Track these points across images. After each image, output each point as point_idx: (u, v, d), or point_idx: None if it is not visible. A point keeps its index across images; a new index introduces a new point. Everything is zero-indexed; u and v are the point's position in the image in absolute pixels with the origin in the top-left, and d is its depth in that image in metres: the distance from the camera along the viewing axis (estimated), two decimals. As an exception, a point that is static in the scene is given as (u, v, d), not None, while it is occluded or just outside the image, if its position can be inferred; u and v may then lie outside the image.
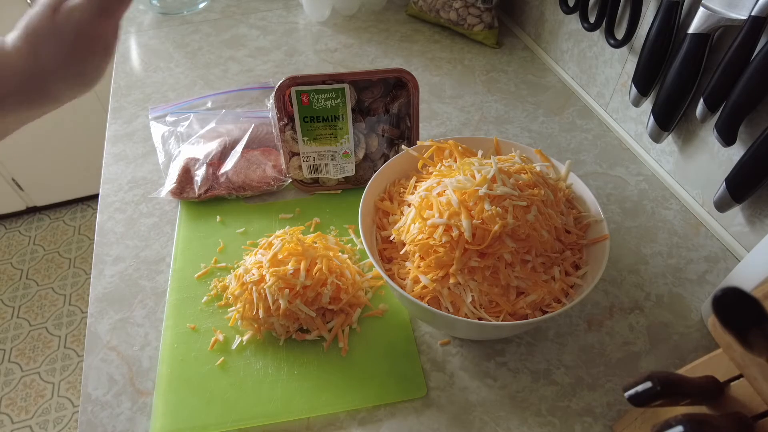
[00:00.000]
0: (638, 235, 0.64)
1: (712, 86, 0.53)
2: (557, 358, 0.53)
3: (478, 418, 0.49)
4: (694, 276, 0.60)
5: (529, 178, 0.49)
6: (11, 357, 1.55)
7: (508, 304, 0.47)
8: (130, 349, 0.54)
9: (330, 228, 0.64)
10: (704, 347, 0.53)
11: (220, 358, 0.52)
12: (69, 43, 0.39)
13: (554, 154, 0.74)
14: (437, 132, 0.79)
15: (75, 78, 0.41)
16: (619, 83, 0.74)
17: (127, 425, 0.49)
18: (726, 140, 0.54)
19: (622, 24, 0.70)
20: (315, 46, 0.97)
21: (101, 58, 0.41)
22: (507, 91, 0.86)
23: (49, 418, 1.42)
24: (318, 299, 0.52)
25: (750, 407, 0.33)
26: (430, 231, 0.47)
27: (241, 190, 0.67)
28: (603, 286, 0.59)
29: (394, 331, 0.54)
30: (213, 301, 0.57)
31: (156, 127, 0.75)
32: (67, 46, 0.39)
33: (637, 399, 0.33)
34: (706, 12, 0.53)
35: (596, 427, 0.48)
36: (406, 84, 0.63)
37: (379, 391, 0.50)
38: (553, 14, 0.87)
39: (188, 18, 1.05)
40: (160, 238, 0.64)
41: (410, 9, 1.03)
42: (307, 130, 0.63)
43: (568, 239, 0.51)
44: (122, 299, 0.58)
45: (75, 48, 0.40)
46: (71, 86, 0.41)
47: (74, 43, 0.39)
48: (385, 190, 0.57)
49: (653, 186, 0.69)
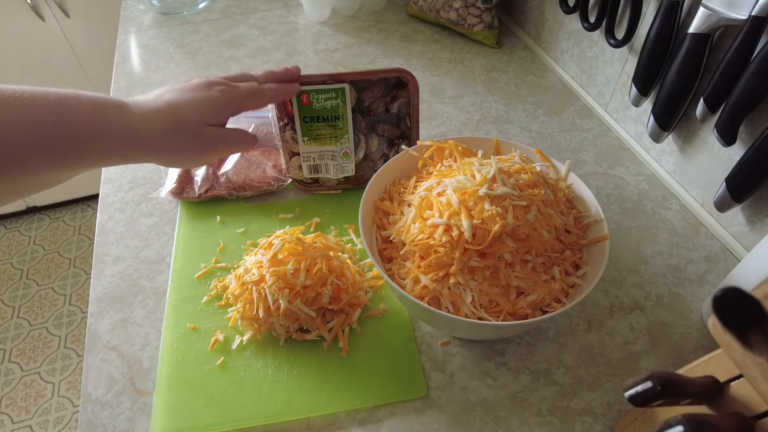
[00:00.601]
0: (638, 235, 0.64)
1: (712, 86, 0.53)
2: (557, 358, 0.53)
3: (478, 418, 0.49)
4: (694, 276, 0.59)
5: (529, 178, 0.49)
6: (11, 357, 1.55)
7: (508, 304, 0.47)
8: (130, 349, 0.54)
9: (330, 228, 0.64)
10: (704, 347, 0.53)
11: (220, 358, 0.52)
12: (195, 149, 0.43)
13: (554, 154, 0.74)
14: (437, 132, 0.79)
15: (168, 161, 0.44)
16: (619, 83, 0.74)
17: (127, 425, 0.49)
18: (726, 140, 0.54)
19: (622, 24, 0.70)
20: (315, 46, 0.97)
21: (198, 164, 0.46)
22: (507, 91, 0.86)
23: (49, 418, 1.42)
24: (318, 299, 0.52)
25: (750, 407, 0.33)
26: (430, 231, 0.47)
27: (241, 190, 0.67)
28: (603, 286, 0.59)
29: (394, 331, 0.54)
30: (213, 301, 0.57)
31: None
32: (192, 148, 0.43)
33: (637, 399, 0.33)
34: (706, 12, 0.53)
35: (596, 427, 0.48)
36: (406, 84, 0.63)
37: (379, 391, 0.50)
38: (553, 14, 0.87)
39: (188, 18, 1.05)
40: (160, 238, 0.64)
41: (410, 9, 1.03)
42: (307, 130, 0.63)
43: (568, 239, 0.51)
44: (122, 299, 0.58)
45: (195, 153, 0.44)
46: (159, 162, 0.44)
47: (199, 151, 0.44)
48: (385, 190, 0.57)
49: (653, 186, 0.69)
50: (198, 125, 0.42)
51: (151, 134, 0.41)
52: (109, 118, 0.39)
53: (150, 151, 0.41)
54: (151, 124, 0.41)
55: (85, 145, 0.38)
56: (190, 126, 0.42)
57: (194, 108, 0.42)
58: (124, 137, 0.40)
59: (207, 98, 0.43)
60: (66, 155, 0.37)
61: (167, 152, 0.42)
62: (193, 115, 0.42)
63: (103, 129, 0.38)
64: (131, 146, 0.40)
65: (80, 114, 0.37)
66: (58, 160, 0.37)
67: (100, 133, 0.38)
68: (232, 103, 0.45)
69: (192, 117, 0.42)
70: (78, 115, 0.37)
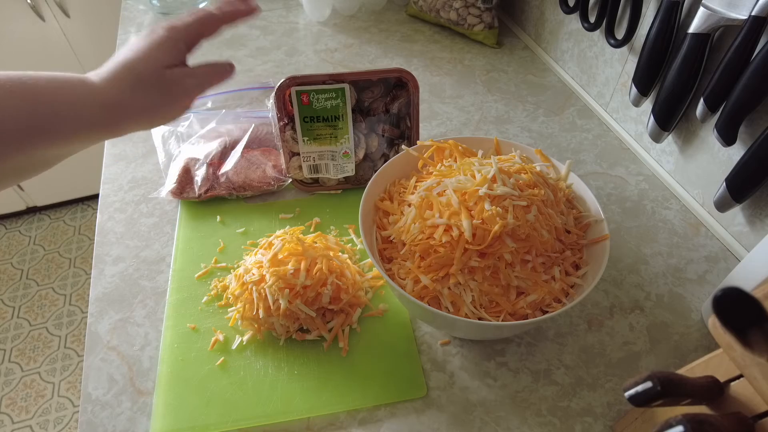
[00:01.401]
0: (638, 235, 0.64)
1: (712, 86, 0.53)
2: (557, 358, 0.53)
3: (478, 418, 0.49)
4: (694, 276, 0.60)
5: (529, 178, 0.49)
6: (11, 357, 1.55)
7: (509, 304, 0.47)
8: (131, 349, 0.54)
9: (330, 228, 0.64)
10: (704, 347, 0.53)
11: (220, 358, 0.52)
12: (165, 98, 0.43)
13: (554, 154, 0.74)
14: (437, 132, 0.79)
15: (147, 122, 0.43)
16: (619, 83, 0.74)
17: (127, 425, 0.49)
18: (726, 140, 0.54)
19: (622, 24, 0.70)
20: (315, 46, 0.97)
21: (178, 113, 0.45)
22: (507, 91, 0.86)
23: (49, 418, 1.42)
24: (318, 299, 0.52)
25: (750, 407, 0.33)
26: (430, 231, 0.47)
27: (242, 190, 0.67)
28: (603, 286, 0.59)
29: (394, 331, 0.54)
30: (213, 301, 0.57)
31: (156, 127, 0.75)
32: (161, 99, 0.42)
33: (638, 399, 0.33)
34: (706, 12, 0.53)
35: (596, 427, 0.48)
36: (406, 84, 0.63)
37: (379, 391, 0.50)
38: (553, 14, 0.87)
39: (188, 18, 1.05)
40: (161, 238, 0.64)
41: (410, 9, 1.03)
42: (307, 130, 0.63)
43: (568, 239, 0.51)
44: (122, 299, 0.58)
45: (166, 103, 0.43)
46: (139, 126, 0.43)
47: (170, 100, 0.43)
48: (385, 190, 0.57)
49: (653, 186, 0.69)
50: (155, 73, 0.41)
51: (114, 98, 0.40)
52: (69, 89, 0.38)
53: (122, 116, 0.41)
54: (112, 86, 0.40)
55: (52, 120, 0.37)
56: (147, 76, 0.41)
57: (145, 56, 0.41)
58: (91, 107, 0.39)
59: (153, 41, 0.42)
60: (36, 133, 0.36)
61: (139, 112, 0.41)
62: (146, 64, 0.41)
63: (66, 100, 0.38)
64: (101, 115, 0.40)
65: (41, 90, 0.37)
66: (30, 139, 0.36)
67: (65, 104, 0.38)
68: (182, 36, 0.43)
69: (146, 66, 0.41)
70: (39, 92, 0.37)
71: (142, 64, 0.41)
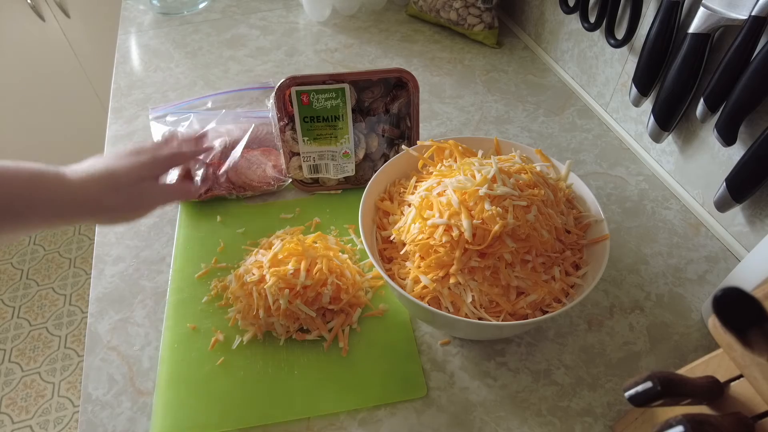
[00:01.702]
0: (638, 235, 0.64)
1: (712, 86, 0.53)
2: (557, 358, 0.53)
3: (478, 418, 0.49)
4: (694, 276, 0.59)
5: (530, 178, 0.49)
6: (11, 357, 1.55)
7: (509, 304, 0.47)
8: (131, 349, 0.54)
9: (330, 228, 0.64)
10: (704, 347, 0.53)
11: (221, 358, 0.52)
12: (133, 204, 0.47)
13: (554, 154, 0.74)
14: (437, 132, 0.79)
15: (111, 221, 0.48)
16: (619, 83, 0.74)
17: (127, 425, 0.49)
18: (726, 140, 0.54)
19: (622, 24, 0.70)
20: (315, 46, 0.97)
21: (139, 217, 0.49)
22: (507, 91, 0.86)
23: (49, 418, 1.42)
24: (318, 299, 0.52)
25: (750, 407, 0.33)
26: (431, 231, 0.47)
27: (242, 190, 0.67)
28: (603, 286, 0.59)
29: (394, 331, 0.54)
30: (213, 301, 0.57)
31: (156, 127, 0.75)
32: (129, 204, 0.47)
33: (638, 399, 0.33)
34: (706, 12, 0.53)
35: (596, 427, 0.48)
36: (406, 84, 0.63)
37: (379, 391, 0.50)
38: (553, 14, 0.87)
39: (188, 18, 1.06)
40: (161, 238, 0.64)
41: (410, 9, 1.03)
42: (307, 130, 0.63)
43: (568, 239, 0.51)
44: (122, 299, 0.58)
45: (133, 209, 0.48)
46: (102, 222, 0.49)
47: (137, 206, 0.48)
48: (385, 190, 0.57)
49: (653, 186, 0.69)
50: (132, 182, 0.46)
51: (89, 195, 0.44)
52: (47, 185, 0.42)
53: (89, 211, 0.45)
54: (89, 186, 0.44)
55: (25, 212, 0.41)
56: (125, 184, 0.46)
57: (126, 171, 0.46)
58: (64, 201, 0.43)
59: (137, 163, 0.47)
60: (8, 221, 0.40)
61: (106, 210, 0.45)
62: (126, 176, 0.46)
63: (42, 196, 0.42)
64: (72, 209, 0.43)
65: (20, 184, 0.41)
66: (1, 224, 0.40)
67: (40, 199, 0.41)
68: (160, 165, 0.49)
69: (127, 176, 0.46)
70: (18, 185, 0.40)
71: (123, 173, 0.46)
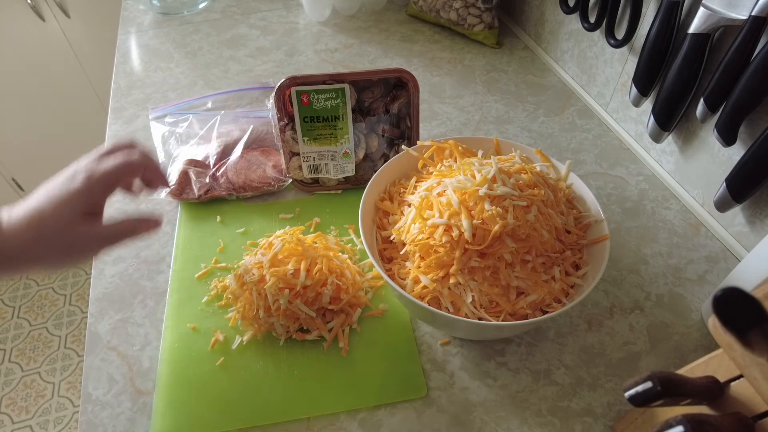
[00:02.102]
0: (638, 235, 0.64)
1: (712, 86, 0.53)
2: (557, 358, 0.53)
3: (478, 418, 0.49)
4: (694, 276, 0.59)
5: (530, 178, 0.49)
6: (11, 357, 1.55)
7: (509, 304, 0.47)
8: (131, 349, 0.54)
9: (330, 228, 0.64)
10: (704, 347, 0.53)
11: (221, 358, 0.52)
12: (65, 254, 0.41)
13: (554, 154, 0.74)
14: (437, 132, 0.79)
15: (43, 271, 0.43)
16: (619, 83, 0.74)
17: (127, 425, 0.49)
18: (726, 140, 0.54)
19: (622, 24, 0.70)
20: (315, 46, 0.97)
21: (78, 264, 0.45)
22: (507, 91, 0.86)
23: (49, 418, 1.42)
24: (318, 299, 0.52)
25: (750, 407, 0.33)
26: (431, 231, 0.47)
27: (241, 191, 0.67)
28: (603, 286, 0.59)
29: (394, 331, 0.54)
30: (213, 301, 0.57)
31: (156, 128, 0.75)
32: (61, 254, 0.41)
33: (638, 399, 0.33)
34: (706, 12, 0.53)
35: (596, 427, 0.48)
36: (406, 84, 0.63)
37: (379, 391, 0.50)
38: (553, 14, 0.87)
39: (188, 18, 1.05)
40: (161, 238, 0.64)
41: (410, 9, 1.03)
42: (307, 130, 0.63)
43: (568, 239, 0.51)
44: (122, 299, 0.58)
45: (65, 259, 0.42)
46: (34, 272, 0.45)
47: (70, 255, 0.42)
48: (385, 190, 0.57)
49: (653, 186, 0.69)
50: (61, 230, 0.40)
51: (15, 250, 0.39)
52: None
53: (18, 266, 0.40)
54: (18, 238, 0.39)
55: None
56: (51, 234, 0.40)
57: (55, 212, 0.40)
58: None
59: (67, 195, 0.40)
60: None
61: (36, 263, 0.41)
62: (54, 221, 0.40)
63: None
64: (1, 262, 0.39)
65: None
66: None
67: None
68: (101, 186, 0.42)
69: (53, 223, 0.40)
70: None
71: (49, 220, 0.40)
